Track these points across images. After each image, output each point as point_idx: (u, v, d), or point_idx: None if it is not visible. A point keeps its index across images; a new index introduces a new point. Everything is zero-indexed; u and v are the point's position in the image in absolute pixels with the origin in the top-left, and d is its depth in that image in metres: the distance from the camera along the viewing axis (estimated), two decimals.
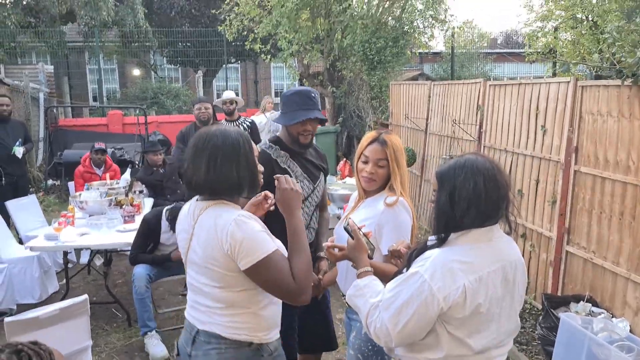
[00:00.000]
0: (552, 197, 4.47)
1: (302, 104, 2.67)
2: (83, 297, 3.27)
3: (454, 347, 1.71)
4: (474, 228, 1.71)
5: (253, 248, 1.78)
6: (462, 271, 1.65)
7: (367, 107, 9.77)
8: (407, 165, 7.32)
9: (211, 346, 1.89)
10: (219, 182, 1.85)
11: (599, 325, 3.41)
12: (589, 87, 4.12)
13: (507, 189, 1.74)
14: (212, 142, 1.86)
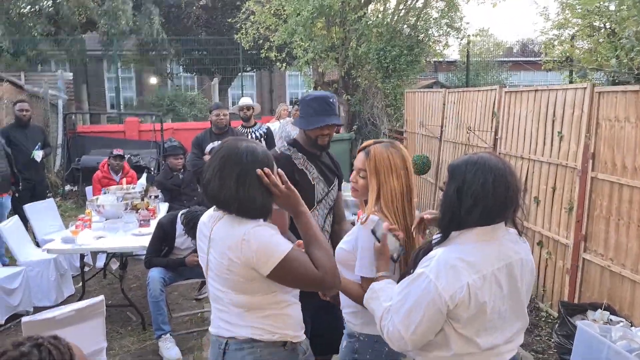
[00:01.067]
0: (569, 204, 4.43)
1: (321, 109, 2.73)
2: (99, 298, 3.30)
3: (463, 346, 1.71)
4: (478, 226, 1.70)
5: (270, 252, 1.79)
6: (466, 270, 1.65)
7: (381, 114, 9.78)
8: (421, 172, 7.26)
9: (245, 352, 1.88)
10: (248, 202, 1.83)
11: (617, 333, 3.35)
12: (606, 93, 4.09)
13: (517, 192, 1.72)
14: (242, 160, 1.83)
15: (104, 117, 14.24)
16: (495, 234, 1.73)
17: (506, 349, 1.78)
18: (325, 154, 2.96)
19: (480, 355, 1.72)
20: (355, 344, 2.22)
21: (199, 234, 2.04)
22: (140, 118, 11.99)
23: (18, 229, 5.43)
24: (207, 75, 16.37)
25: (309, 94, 2.87)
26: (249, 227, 1.81)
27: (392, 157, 2.17)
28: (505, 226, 1.77)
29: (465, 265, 1.65)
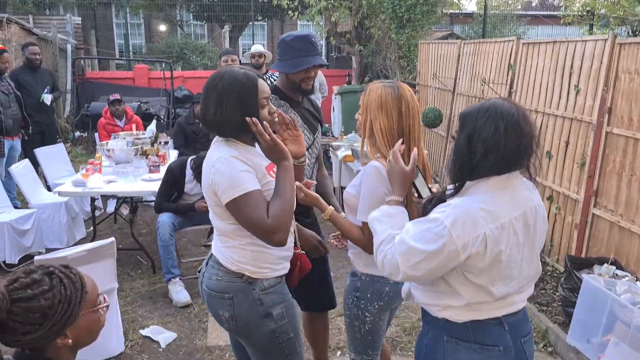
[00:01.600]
0: (582, 159, 4.37)
1: (304, 49, 2.53)
2: (110, 240, 3.35)
3: (475, 294, 1.68)
4: (492, 175, 1.65)
5: (232, 185, 1.87)
6: (484, 219, 1.60)
7: (394, 66, 9.59)
8: (432, 126, 7.18)
9: (214, 271, 2.05)
10: (225, 123, 1.93)
11: (622, 287, 3.37)
12: (627, 45, 3.96)
13: (531, 138, 1.66)
14: (220, 85, 1.92)
15: (112, 64, 14.10)
16: (511, 182, 1.68)
17: (519, 299, 1.77)
18: (306, 99, 2.79)
19: (493, 304, 1.70)
20: (357, 282, 2.26)
21: None
22: (149, 65, 11.86)
23: (29, 172, 5.48)
24: (218, 23, 16.06)
25: (289, 34, 2.65)
26: (225, 154, 1.90)
27: (384, 95, 2.10)
28: (520, 174, 1.72)
29: (484, 215, 1.60)
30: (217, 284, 2.02)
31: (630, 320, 3.04)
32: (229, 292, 1.99)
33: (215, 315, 2.09)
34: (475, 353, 1.71)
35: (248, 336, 2.06)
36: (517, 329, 1.76)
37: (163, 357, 3.49)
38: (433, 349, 1.77)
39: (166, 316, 3.99)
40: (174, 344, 3.63)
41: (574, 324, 3.49)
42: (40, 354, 1.39)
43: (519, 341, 1.75)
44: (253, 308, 2.00)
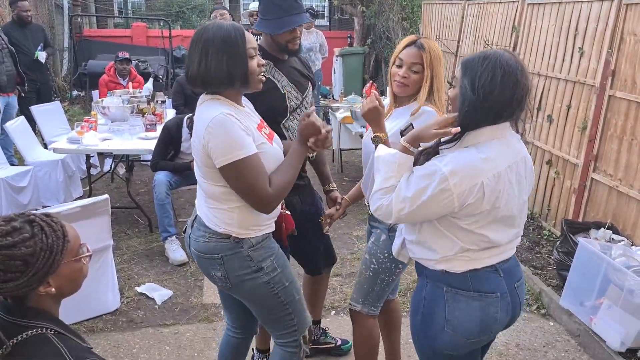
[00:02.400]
0: (583, 123, 4.32)
1: (288, 8, 2.38)
2: (104, 197, 3.33)
3: (472, 240, 1.72)
4: (487, 125, 1.68)
5: (229, 147, 1.81)
6: (483, 169, 1.64)
7: (397, 28, 9.42)
8: None
9: (200, 233, 2.02)
10: (209, 75, 1.86)
11: (617, 251, 3.36)
12: (634, 5, 3.86)
13: (526, 92, 1.68)
14: (205, 36, 1.86)
15: (110, 22, 13.85)
16: (504, 132, 1.72)
17: (510, 246, 1.82)
18: (296, 58, 2.63)
19: (490, 250, 1.75)
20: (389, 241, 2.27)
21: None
22: (148, 24, 11.65)
23: (25, 129, 5.43)
24: None
25: None
26: (220, 113, 1.82)
27: (439, 49, 2.21)
28: (509, 126, 1.75)
29: (484, 164, 1.64)
30: (205, 246, 2.00)
31: (623, 283, 3.05)
32: (218, 253, 1.98)
33: (208, 276, 2.08)
34: (474, 300, 1.75)
35: (243, 292, 2.06)
36: (511, 274, 1.82)
37: (159, 313, 3.52)
38: (432, 300, 1.81)
39: (162, 274, 4.01)
40: (169, 301, 3.66)
41: (567, 287, 3.50)
42: (23, 302, 1.38)
43: (513, 286, 1.82)
44: (244, 265, 1.99)
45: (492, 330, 1.80)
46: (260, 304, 2.09)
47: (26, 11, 6.30)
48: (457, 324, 1.76)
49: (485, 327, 1.77)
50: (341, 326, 3.37)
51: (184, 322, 3.43)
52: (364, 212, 5.09)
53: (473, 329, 1.76)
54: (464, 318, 1.75)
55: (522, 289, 1.89)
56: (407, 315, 3.40)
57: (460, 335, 1.76)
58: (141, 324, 3.41)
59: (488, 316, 1.76)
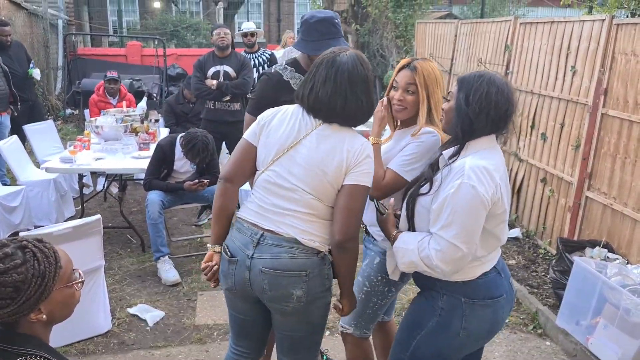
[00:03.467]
0: (576, 141, 4.33)
1: (327, 32, 2.56)
2: (96, 217, 3.29)
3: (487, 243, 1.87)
4: (484, 135, 1.85)
5: (368, 173, 1.93)
6: (494, 171, 1.80)
7: (391, 46, 9.50)
8: None
9: (282, 249, 1.94)
10: (369, 110, 2.00)
11: (613, 270, 3.35)
12: (624, 25, 3.90)
13: (513, 110, 1.86)
14: (366, 72, 1.97)
15: (105, 41, 13.90)
16: (494, 143, 1.90)
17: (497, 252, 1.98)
18: None
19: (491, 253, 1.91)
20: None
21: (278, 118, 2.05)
22: (142, 42, 11.69)
23: (18, 148, 5.39)
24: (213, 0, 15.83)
25: (312, 15, 2.66)
26: (367, 141, 2.00)
27: (436, 71, 2.25)
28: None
29: (492, 168, 1.80)
30: (292, 263, 1.92)
31: (619, 302, 3.03)
32: (306, 269, 1.93)
33: (278, 298, 1.96)
34: (488, 308, 1.89)
35: (309, 311, 2.01)
36: (504, 270, 1.99)
37: (150, 335, 3.47)
38: (450, 311, 1.91)
39: (154, 295, 3.96)
40: (161, 323, 3.60)
41: (563, 306, 3.47)
42: (14, 329, 1.36)
43: (509, 282, 1.98)
44: (322, 283, 1.99)
45: (498, 330, 2.01)
46: (314, 325, 2.07)
47: (6, 35, 6.06)
48: (471, 330, 1.90)
49: (494, 329, 1.97)
50: (335, 346, 3.32)
51: (176, 343, 3.38)
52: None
53: (484, 333, 1.95)
54: (478, 324, 1.91)
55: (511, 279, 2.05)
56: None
57: (472, 339, 1.93)
58: (132, 346, 3.35)
59: (497, 319, 1.94)
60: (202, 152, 4.12)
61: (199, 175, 4.40)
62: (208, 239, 4.95)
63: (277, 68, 2.70)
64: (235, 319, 2.19)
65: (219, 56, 5.27)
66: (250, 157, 2.04)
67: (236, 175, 2.06)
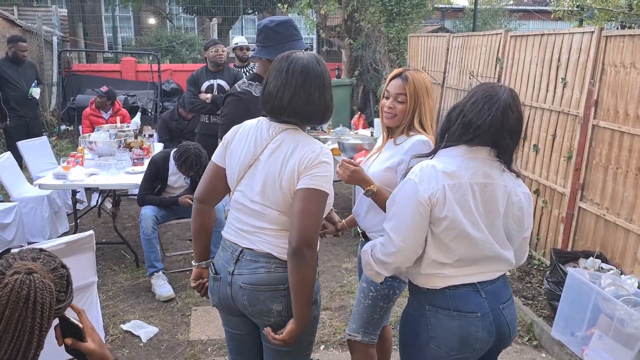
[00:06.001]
0: (568, 152, 4.36)
1: (289, 35, 2.55)
2: (88, 233, 3.27)
3: (438, 253, 1.82)
4: (461, 144, 1.81)
5: (323, 177, 1.83)
6: (446, 174, 1.78)
7: (384, 59, 9.55)
8: None
9: (259, 265, 1.93)
10: (323, 110, 1.92)
11: (607, 280, 3.35)
12: (613, 37, 3.94)
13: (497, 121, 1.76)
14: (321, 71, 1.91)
15: (100, 57, 13.95)
16: (479, 155, 1.81)
17: (491, 269, 1.88)
18: None
19: (464, 269, 1.84)
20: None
21: (239, 139, 2.00)
22: (137, 58, 11.73)
23: (11, 165, 5.38)
24: (207, 16, 15.91)
25: (270, 20, 2.62)
26: (324, 147, 1.91)
27: (426, 81, 2.29)
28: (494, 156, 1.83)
29: (445, 170, 1.78)
30: (269, 277, 1.90)
31: (613, 313, 3.03)
32: (284, 283, 1.90)
33: (258, 313, 1.95)
34: (454, 320, 1.82)
35: None
36: (495, 296, 1.88)
37: (144, 351, 3.44)
38: (417, 318, 1.90)
39: (148, 310, 3.93)
40: (155, 339, 3.58)
41: (558, 318, 3.47)
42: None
43: (497, 307, 1.87)
44: None
45: (475, 347, 1.85)
46: (300, 340, 2.00)
47: (24, 51, 6.40)
48: (440, 340, 1.84)
49: (466, 344, 1.83)
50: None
51: (170, 359, 3.36)
52: (353, 244, 5.06)
53: (454, 345, 1.83)
54: (445, 335, 1.83)
55: (510, 309, 1.92)
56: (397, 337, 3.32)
57: (443, 351, 1.84)
58: None
59: (468, 334, 1.82)
60: (195, 165, 4.12)
61: (193, 190, 4.39)
62: None
63: (243, 86, 2.65)
64: (230, 335, 2.18)
65: (212, 71, 5.30)
66: (219, 177, 2.04)
67: (208, 195, 2.07)
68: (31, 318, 1.30)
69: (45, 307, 1.31)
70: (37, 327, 1.30)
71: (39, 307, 1.31)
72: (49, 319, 1.33)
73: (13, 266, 1.35)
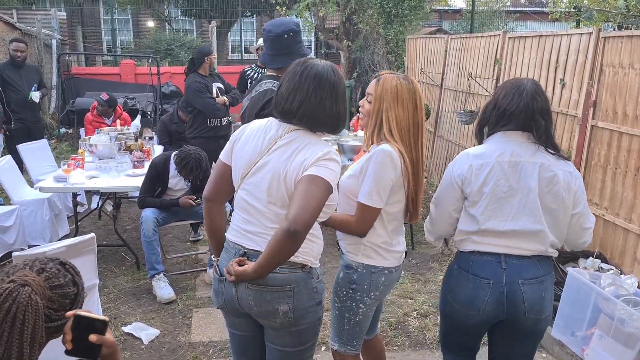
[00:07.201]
0: (567, 152, 4.37)
1: (300, 41, 2.66)
2: (90, 235, 3.28)
3: (465, 221, 2.15)
4: (497, 131, 2.14)
5: (329, 170, 1.82)
6: (473, 156, 2.12)
7: (382, 61, 9.57)
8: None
9: None
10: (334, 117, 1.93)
11: (606, 280, 3.37)
12: (611, 38, 3.96)
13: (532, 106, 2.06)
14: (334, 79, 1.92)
15: (99, 60, 13.97)
16: (512, 137, 2.11)
17: (523, 246, 2.08)
18: None
19: (492, 238, 2.09)
20: (353, 275, 2.25)
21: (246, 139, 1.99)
22: (136, 61, 11.75)
23: (11, 168, 5.38)
24: (206, 18, 15.94)
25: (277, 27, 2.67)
26: (333, 149, 1.92)
27: (399, 87, 2.14)
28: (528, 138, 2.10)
29: (472, 155, 2.13)
30: (274, 278, 1.90)
31: (613, 313, 3.05)
32: (290, 284, 1.91)
33: (265, 314, 1.95)
34: (470, 282, 2.13)
35: (298, 327, 1.98)
36: (518, 271, 2.07)
37: (145, 354, 3.45)
38: (450, 272, 2.27)
39: (149, 312, 3.94)
40: (157, 341, 3.59)
41: (558, 318, 3.48)
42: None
43: (516, 281, 2.07)
44: (310, 297, 1.97)
45: (480, 309, 2.10)
46: (302, 338, 2.02)
47: (17, 51, 6.34)
48: (455, 293, 2.18)
49: (473, 304, 2.11)
50: None
51: None
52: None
53: (463, 302, 2.14)
54: (459, 291, 2.16)
55: (534, 288, 2.08)
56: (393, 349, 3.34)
57: (454, 303, 2.17)
58: None
59: (477, 296, 2.10)
60: (196, 169, 4.13)
61: (193, 192, 4.41)
62: (203, 255, 4.95)
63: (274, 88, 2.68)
64: (234, 337, 2.19)
65: (206, 75, 5.28)
66: (225, 175, 2.04)
67: (216, 194, 2.07)
68: (8, 332, 1.26)
69: (27, 323, 1.27)
70: (16, 342, 1.26)
71: (19, 322, 1.26)
72: (32, 336, 1.28)
73: (15, 274, 1.35)
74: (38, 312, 1.30)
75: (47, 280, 1.37)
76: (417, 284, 4.38)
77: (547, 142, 2.08)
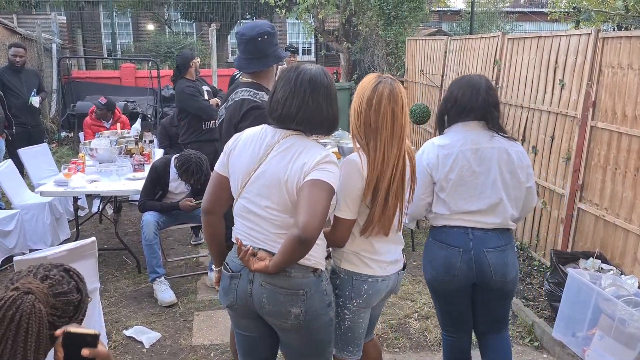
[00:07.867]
0: (567, 153, 4.38)
1: (276, 44, 2.69)
2: (91, 239, 3.28)
3: (438, 205, 2.47)
4: (455, 123, 2.48)
5: (330, 173, 1.85)
6: (439, 147, 2.44)
7: (382, 63, 9.58)
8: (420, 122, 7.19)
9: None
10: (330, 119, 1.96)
11: (607, 280, 3.37)
12: (610, 39, 3.97)
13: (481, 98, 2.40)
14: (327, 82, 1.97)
15: (99, 64, 13.99)
16: (470, 127, 2.44)
17: (484, 220, 2.43)
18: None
19: (460, 215, 2.43)
20: (336, 280, 2.23)
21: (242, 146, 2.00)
22: (136, 64, 11.76)
23: (12, 172, 5.40)
24: (206, 21, 15.96)
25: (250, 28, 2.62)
26: (331, 153, 1.95)
27: (364, 82, 2.10)
28: (484, 126, 2.44)
29: (438, 146, 2.45)
30: (288, 281, 1.92)
31: (614, 313, 3.05)
32: (303, 288, 1.93)
33: (276, 314, 1.96)
34: (443, 250, 2.47)
35: (310, 329, 1.99)
36: (483, 241, 2.43)
37: (147, 357, 3.45)
38: (427, 246, 2.59)
39: (151, 316, 3.94)
40: (158, 344, 3.59)
41: (559, 318, 3.48)
42: None
43: (482, 250, 2.43)
44: (321, 299, 1.99)
45: (455, 274, 2.44)
46: (315, 340, 2.03)
47: (15, 56, 6.38)
48: (433, 263, 2.52)
49: (448, 270, 2.45)
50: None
51: None
52: None
53: (440, 269, 2.48)
54: (436, 260, 2.50)
55: (496, 255, 2.43)
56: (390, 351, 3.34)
57: (434, 271, 2.51)
58: None
59: (450, 263, 2.45)
60: (197, 173, 4.14)
61: (194, 195, 4.42)
62: (204, 258, 4.96)
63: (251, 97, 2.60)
64: (242, 338, 2.18)
65: (194, 79, 5.23)
66: (223, 186, 2.05)
67: (215, 206, 2.08)
68: (12, 340, 1.26)
69: (30, 331, 1.27)
70: (21, 349, 1.26)
71: (23, 330, 1.26)
72: (37, 343, 1.29)
73: (19, 281, 1.35)
74: (42, 320, 1.31)
75: (50, 287, 1.37)
76: (418, 286, 4.38)
77: (499, 128, 2.45)
